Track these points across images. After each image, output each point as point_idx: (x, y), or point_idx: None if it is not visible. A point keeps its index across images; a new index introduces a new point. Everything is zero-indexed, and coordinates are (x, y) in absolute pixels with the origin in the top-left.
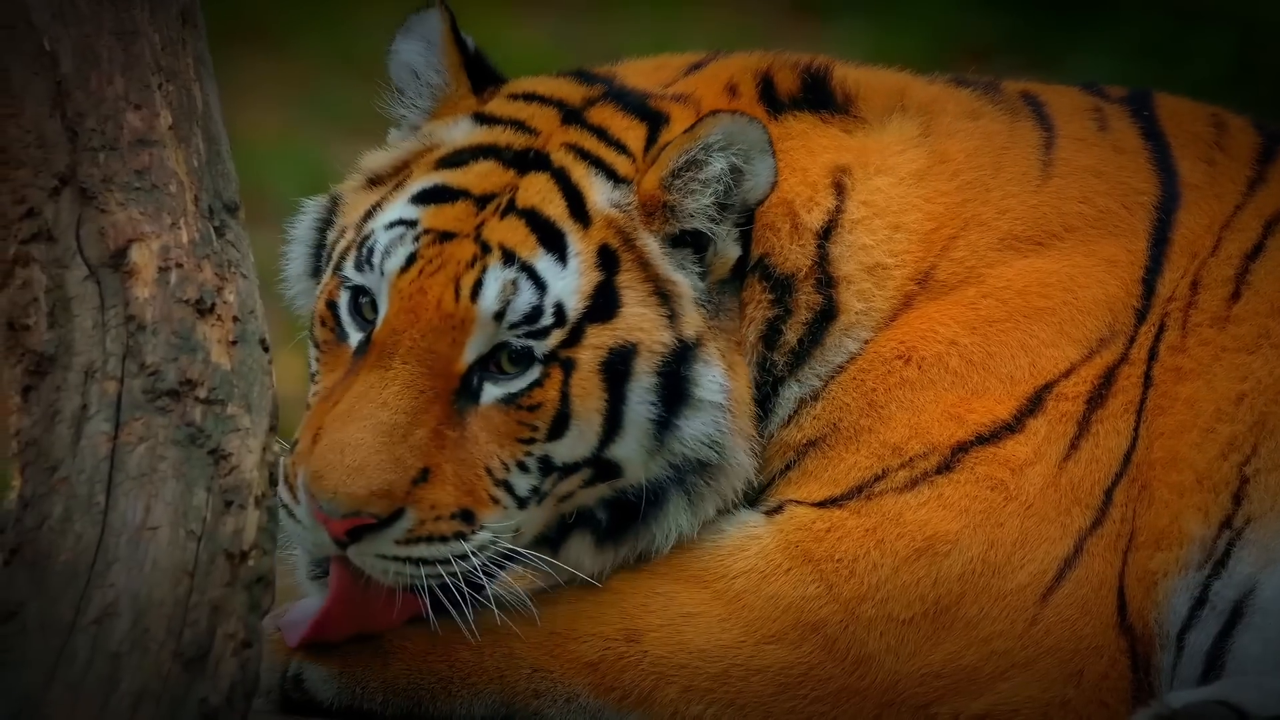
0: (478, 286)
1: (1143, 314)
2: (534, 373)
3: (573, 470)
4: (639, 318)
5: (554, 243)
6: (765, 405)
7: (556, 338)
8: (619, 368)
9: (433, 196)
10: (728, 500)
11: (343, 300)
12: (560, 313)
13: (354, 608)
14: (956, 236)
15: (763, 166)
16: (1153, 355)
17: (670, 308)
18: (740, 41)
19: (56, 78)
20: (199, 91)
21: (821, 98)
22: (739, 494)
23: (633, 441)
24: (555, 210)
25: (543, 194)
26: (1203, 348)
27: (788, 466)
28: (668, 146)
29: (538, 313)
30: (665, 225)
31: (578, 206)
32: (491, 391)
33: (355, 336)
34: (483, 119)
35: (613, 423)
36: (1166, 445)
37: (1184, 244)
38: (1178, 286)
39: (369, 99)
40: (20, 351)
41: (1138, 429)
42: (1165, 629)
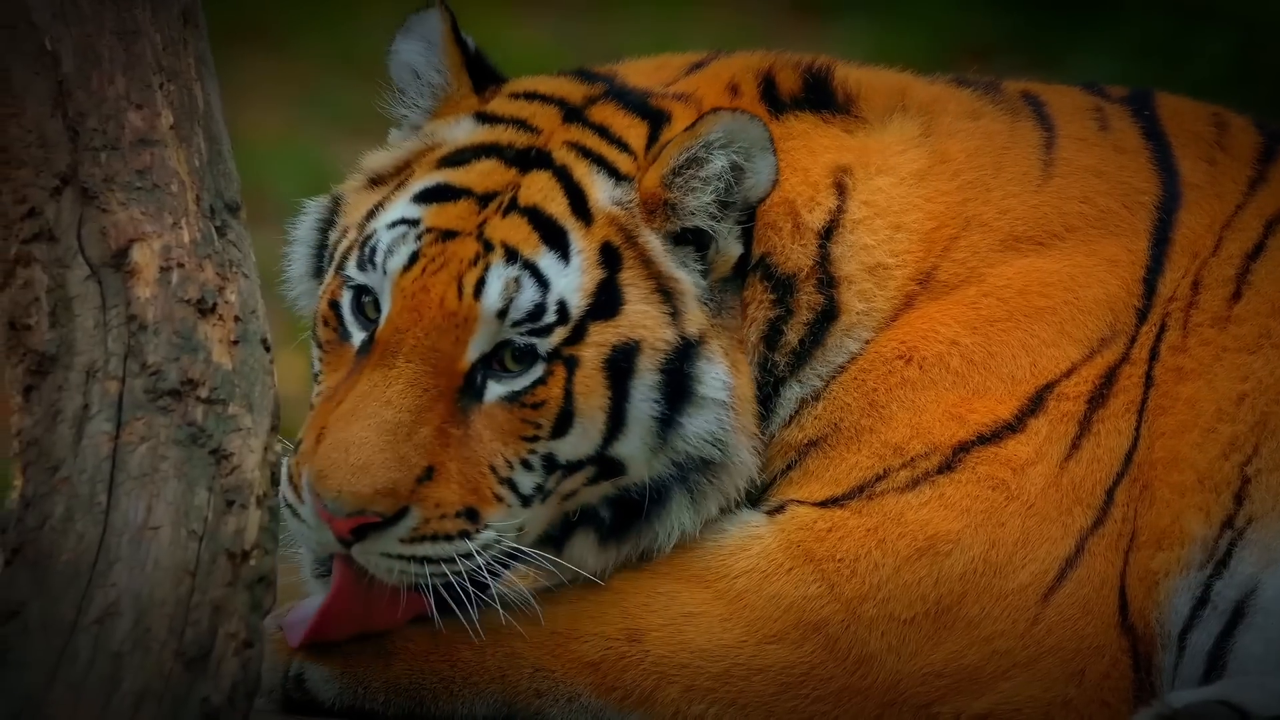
0: (480, 284)
1: (1144, 314)
2: (537, 370)
3: (576, 468)
4: (642, 315)
5: (556, 240)
6: (766, 405)
7: (559, 335)
8: (622, 365)
9: (435, 195)
10: (730, 499)
11: (345, 300)
12: (563, 310)
13: (356, 607)
14: (957, 236)
15: (764, 164)
16: (1154, 355)
17: (673, 305)
18: (741, 41)
19: (58, 77)
20: (200, 91)
21: (823, 98)
22: (741, 492)
23: (636, 439)
24: (557, 208)
25: (545, 192)
26: (1204, 348)
27: (789, 466)
28: (669, 144)
29: (541, 310)
30: (667, 223)
31: (580, 204)
32: (495, 390)
33: (358, 336)
34: (484, 118)
35: (616, 420)
36: (1168, 445)
37: (1185, 244)
38: (1179, 286)
39: (370, 99)
40: (22, 351)
41: (1139, 429)
42: (1167, 629)
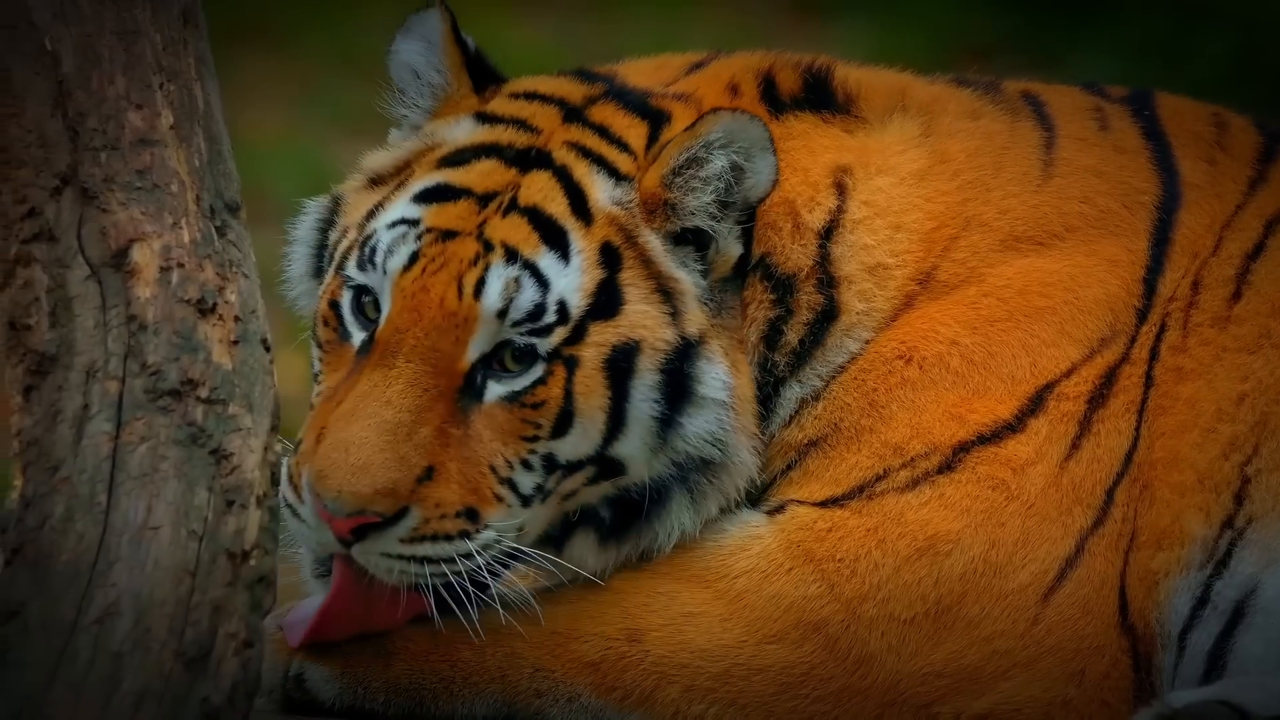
0: (480, 284)
1: (1144, 314)
2: (537, 370)
3: (576, 468)
4: (642, 315)
5: (556, 240)
6: (766, 405)
7: (559, 335)
8: (622, 365)
9: (435, 195)
10: (730, 499)
11: (345, 300)
12: (563, 310)
13: (356, 607)
14: (957, 236)
15: (764, 164)
16: (1154, 355)
17: (673, 305)
18: (741, 41)
19: (58, 77)
20: (200, 91)
21: (823, 98)
22: (741, 492)
23: (636, 439)
24: (557, 208)
25: (545, 192)
26: (1204, 348)
27: (789, 466)
28: (669, 144)
29: (541, 310)
30: (667, 223)
31: (580, 204)
32: (495, 389)
33: (358, 336)
34: (484, 118)
35: (616, 420)
36: (1168, 445)
37: (1185, 244)
38: (1179, 286)
39: (370, 99)
40: (22, 351)
41: (1139, 429)
42: (1167, 629)
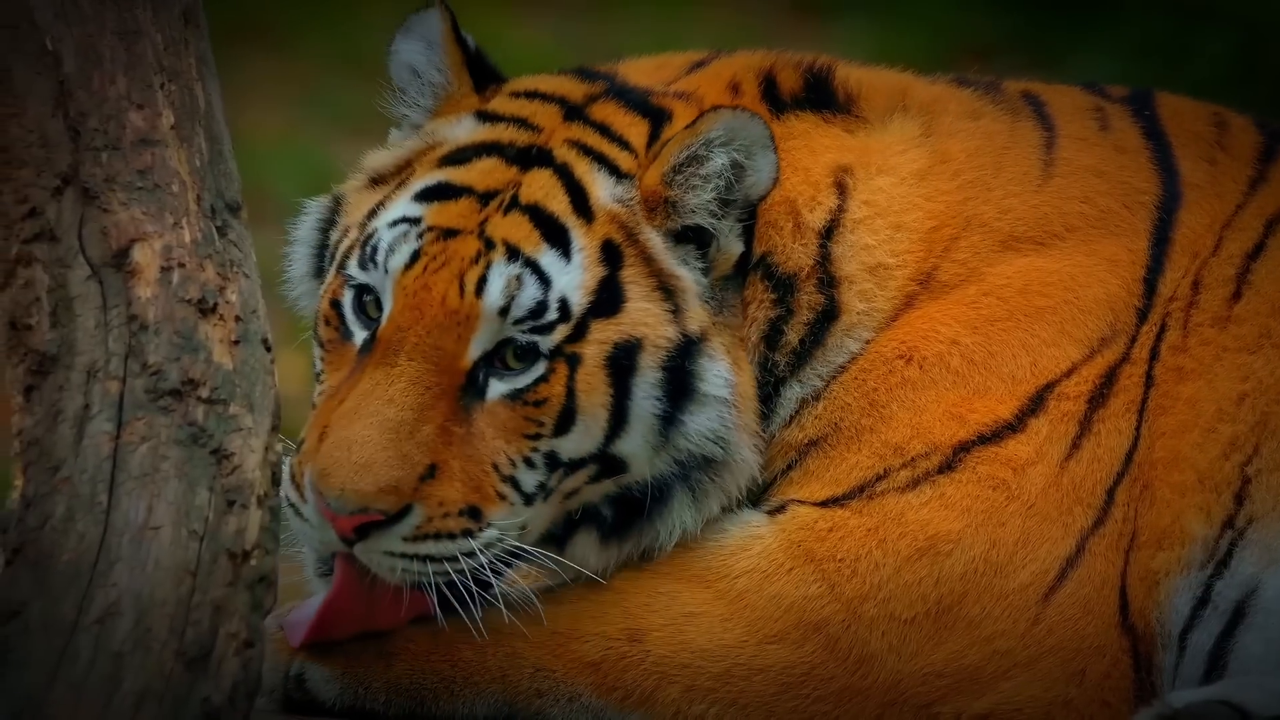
0: (482, 282)
1: (1144, 313)
2: (539, 368)
3: (578, 466)
4: (643, 312)
5: (557, 238)
6: (767, 405)
7: (561, 333)
8: (624, 363)
9: (436, 194)
10: (732, 497)
11: (347, 299)
12: (565, 308)
13: (358, 606)
14: (958, 236)
15: (764, 162)
16: (1154, 355)
17: (674, 303)
18: (741, 41)
19: (59, 77)
20: (201, 91)
21: (824, 97)
22: (743, 490)
23: (638, 437)
24: (558, 206)
25: (546, 190)
26: (1204, 347)
27: (789, 466)
28: (670, 142)
29: (542, 308)
30: (668, 220)
31: (581, 202)
32: (497, 387)
33: (360, 335)
34: (485, 116)
35: (618, 418)
36: (1168, 445)
37: (1185, 243)
38: (1179, 286)
39: (371, 99)
40: (23, 351)
41: (1139, 428)
42: (1167, 628)
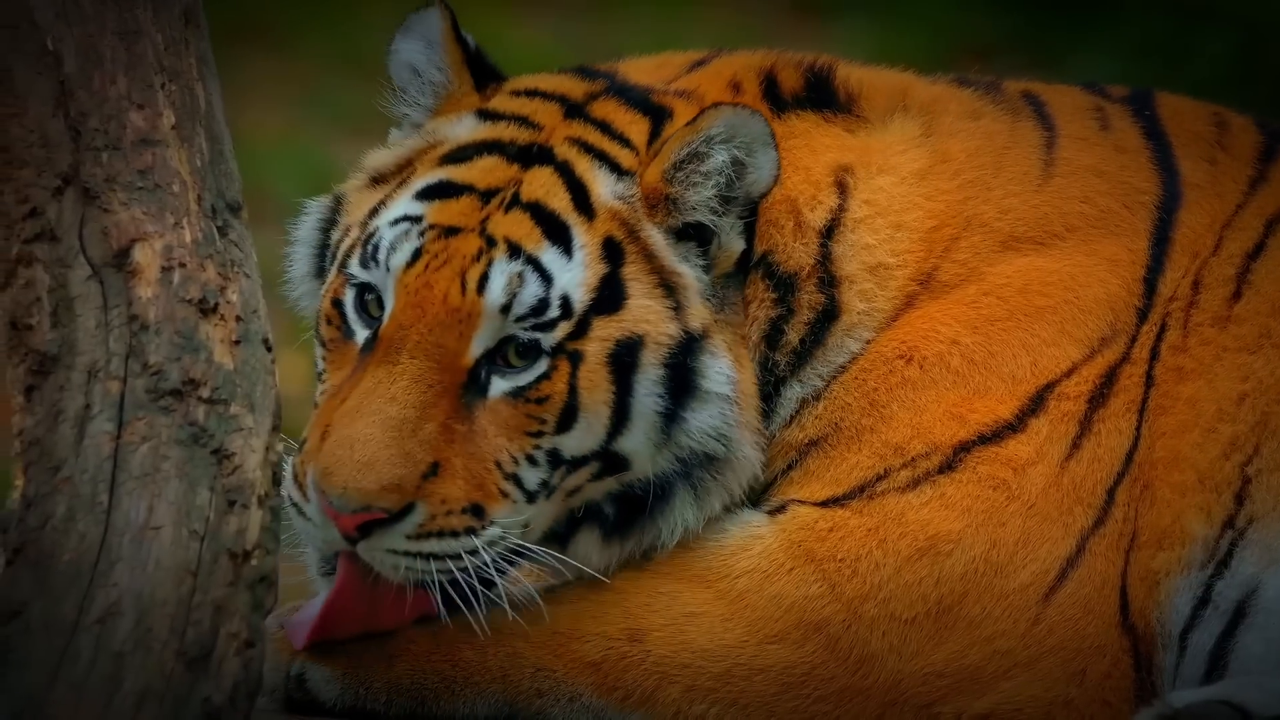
0: (484, 280)
1: (1144, 313)
2: (541, 365)
3: (581, 464)
4: (645, 310)
5: (559, 235)
6: (767, 405)
7: (563, 330)
8: (626, 360)
9: (437, 192)
10: (734, 495)
11: (348, 298)
12: (566, 305)
13: (361, 606)
14: (958, 236)
15: (765, 159)
16: (1154, 355)
17: (676, 300)
18: (741, 42)
19: (60, 77)
20: (202, 91)
21: (824, 97)
22: (745, 488)
23: (640, 434)
24: (559, 203)
25: (547, 187)
26: (1204, 347)
27: (790, 466)
28: (670, 139)
29: (544, 305)
30: (669, 218)
31: (582, 199)
32: (499, 385)
33: (362, 333)
34: (486, 115)
35: (620, 415)
36: (1168, 445)
37: (1185, 243)
38: (1179, 286)
39: (371, 98)
40: (23, 351)
41: (1139, 428)
42: (1168, 628)
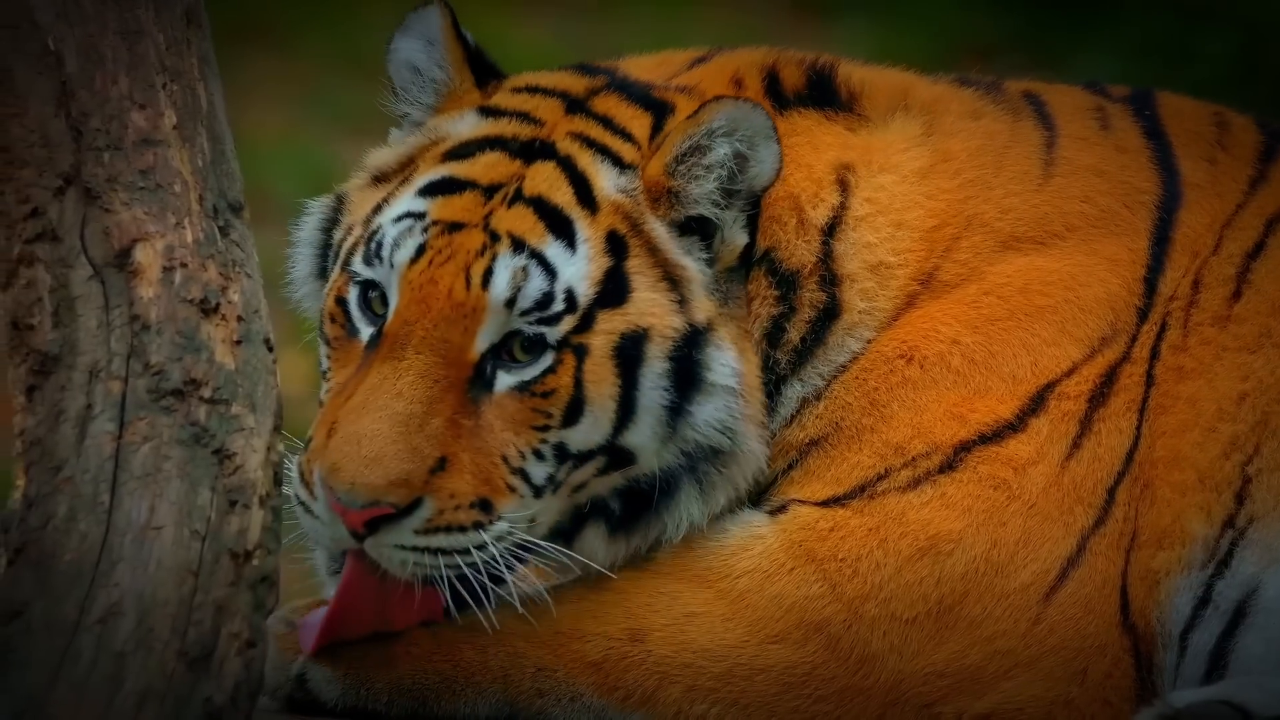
0: (488, 274)
1: (1144, 313)
2: (547, 359)
3: (587, 458)
4: (649, 303)
5: (562, 229)
6: (768, 404)
7: (568, 324)
8: (631, 353)
9: (440, 188)
10: (740, 489)
11: (352, 296)
12: (571, 299)
13: (369, 605)
14: (959, 235)
15: (767, 153)
16: (1154, 354)
17: (680, 292)
18: (742, 42)
19: (61, 77)
20: (203, 91)
21: (826, 95)
22: (750, 482)
23: (646, 428)
24: (562, 197)
25: (549, 182)
26: (1204, 347)
27: (790, 466)
28: (672, 132)
29: (549, 299)
30: (671, 211)
31: (585, 193)
32: (505, 380)
33: (366, 331)
34: (487, 112)
35: (626, 408)
36: (1169, 444)
37: (1186, 243)
38: (1179, 285)
39: (373, 98)
40: (25, 351)
41: (1140, 428)
42: (1168, 628)
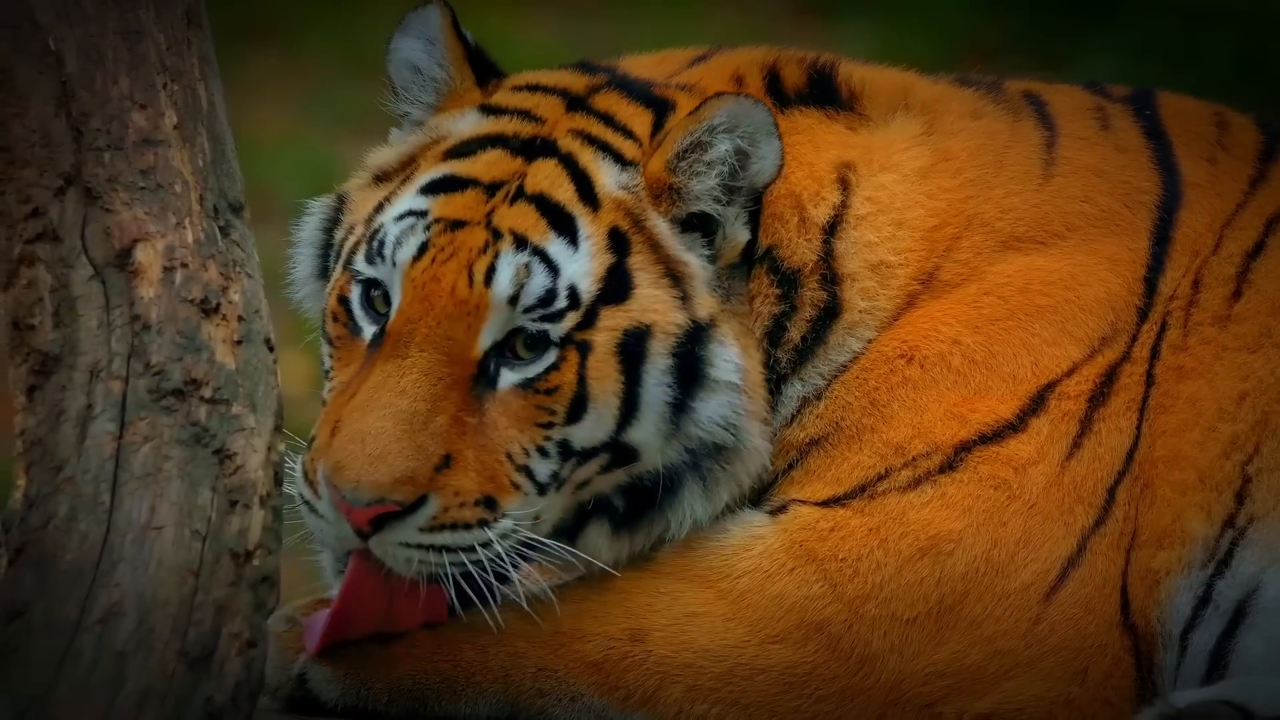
0: (491, 272)
1: (1145, 312)
2: (550, 356)
3: (591, 455)
4: (652, 299)
5: (564, 226)
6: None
7: (571, 320)
8: (634, 349)
9: (442, 186)
10: (743, 486)
11: (354, 295)
12: (574, 295)
13: (374, 604)
14: (960, 235)
15: (768, 149)
16: (1155, 354)
17: (682, 289)
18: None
19: (61, 77)
20: (204, 91)
21: (827, 94)
22: (753, 479)
23: (649, 424)
24: (564, 194)
25: (551, 179)
26: (1204, 346)
27: (790, 466)
28: (673, 129)
29: (552, 296)
30: (673, 207)
31: (586, 190)
32: (509, 377)
33: (369, 330)
34: (488, 110)
35: (629, 405)
36: (1169, 444)
37: (1186, 242)
38: (1179, 285)
39: (374, 98)
40: (25, 351)
41: (1140, 427)
42: (1168, 628)
